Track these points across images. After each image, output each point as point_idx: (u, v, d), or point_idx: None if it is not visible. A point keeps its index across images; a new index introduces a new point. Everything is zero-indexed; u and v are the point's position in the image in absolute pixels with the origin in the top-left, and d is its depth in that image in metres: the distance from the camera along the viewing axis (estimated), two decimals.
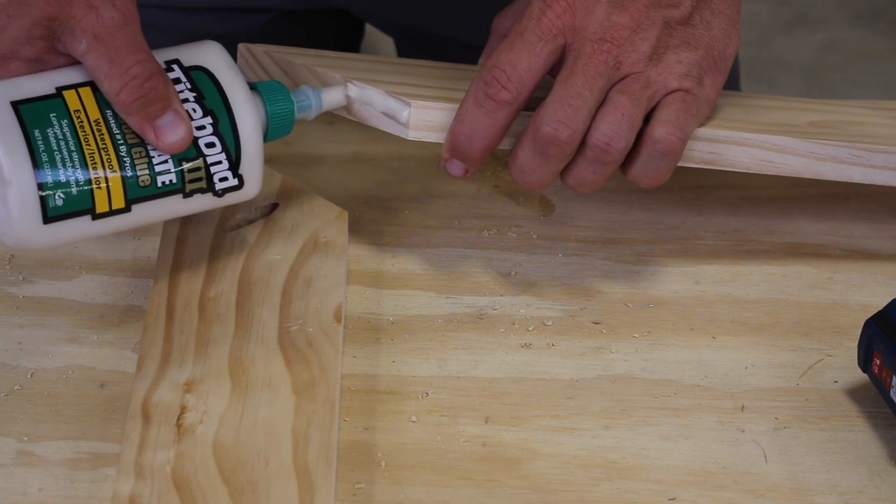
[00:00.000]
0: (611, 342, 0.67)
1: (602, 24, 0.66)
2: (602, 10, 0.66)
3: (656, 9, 0.67)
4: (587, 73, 0.65)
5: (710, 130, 0.68)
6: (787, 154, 0.68)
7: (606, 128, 0.65)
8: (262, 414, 0.59)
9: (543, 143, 0.65)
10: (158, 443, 0.58)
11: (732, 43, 0.69)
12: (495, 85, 0.65)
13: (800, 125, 0.71)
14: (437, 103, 0.67)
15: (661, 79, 0.67)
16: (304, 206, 0.72)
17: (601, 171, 0.66)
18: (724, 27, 0.69)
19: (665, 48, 0.67)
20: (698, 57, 0.68)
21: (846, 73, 2.32)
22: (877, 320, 0.61)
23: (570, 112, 0.65)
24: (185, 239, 0.69)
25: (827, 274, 0.71)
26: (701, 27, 0.68)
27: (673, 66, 0.67)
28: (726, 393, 0.64)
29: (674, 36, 0.67)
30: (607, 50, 0.65)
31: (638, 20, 0.66)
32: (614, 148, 0.65)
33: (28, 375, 0.64)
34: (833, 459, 0.61)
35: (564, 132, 0.65)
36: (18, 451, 0.60)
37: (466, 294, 0.70)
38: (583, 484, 0.59)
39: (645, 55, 0.66)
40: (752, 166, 0.69)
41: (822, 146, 0.69)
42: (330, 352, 0.62)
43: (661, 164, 0.66)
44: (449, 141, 0.67)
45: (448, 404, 0.63)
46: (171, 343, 0.63)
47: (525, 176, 0.66)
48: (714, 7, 0.69)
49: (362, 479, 0.59)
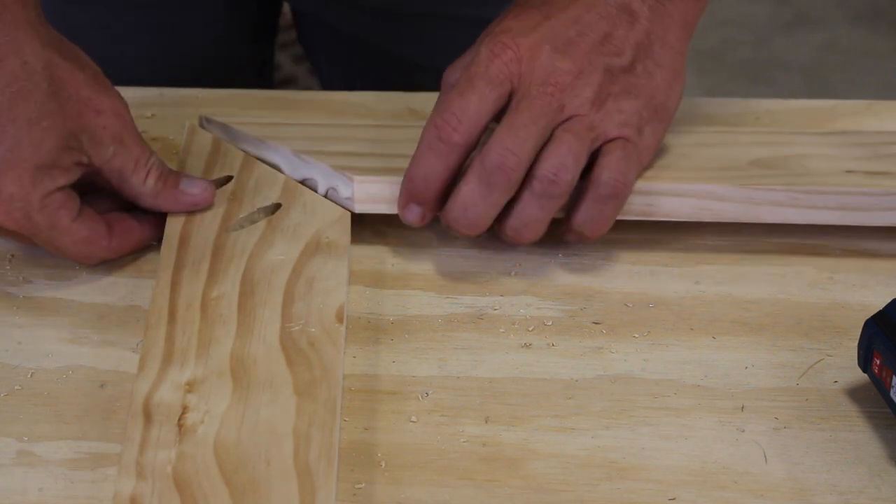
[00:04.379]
0: (611, 342, 0.67)
1: (546, 69, 0.68)
2: (546, 56, 0.69)
3: (598, 55, 0.69)
4: (532, 111, 0.68)
5: (647, 184, 0.70)
6: (725, 202, 0.71)
7: (554, 160, 0.67)
8: (264, 414, 0.59)
9: (490, 170, 0.67)
10: (160, 443, 0.58)
11: (675, 93, 0.72)
12: (446, 129, 0.68)
13: (741, 166, 0.73)
14: (380, 176, 0.71)
15: (603, 125, 0.69)
16: (307, 206, 0.72)
17: (547, 207, 0.68)
18: (667, 77, 0.71)
19: (607, 95, 0.69)
20: (639, 106, 0.70)
21: (846, 73, 2.32)
22: (877, 320, 0.61)
23: (517, 141, 0.67)
24: (187, 238, 0.69)
25: (827, 274, 0.71)
26: (643, 77, 0.71)
27: (613, 115, 0.69)
28: (726, 393, 0.64)
29: (615, 83, 0.70)
30: (551, 93, 0.68)
31: (580, 65, 0.69)
32: (562, 179, 0.67)
33: (28, 375, 0.64)
34: (833, 459, 0.61)
35: (511, 159, 0.67)
36: (18, 451, 0.60)
37: (466, 294, 0.70)
38: (583, 484, 0.59)
39: (587, 100, 0.69)
40: (691, 215, 0.71)
41: (759, 192, 0.70)
42: (331, 352, 0.62)
43: (605, 208, 0.68)
44: (405, 186, 0.69)
45: (448, 404, 0.63)
46: (172, 343, 0.63)
47: (468, 211, 0.68)
48: (656, 58, 0.71)
49: (362, 480, 0.59)
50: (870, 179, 0.71)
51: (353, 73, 1.06)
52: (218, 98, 0.83)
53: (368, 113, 0.82)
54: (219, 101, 0.83)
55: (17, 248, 0.72)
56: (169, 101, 0.83)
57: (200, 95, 0.83)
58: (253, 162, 0.74)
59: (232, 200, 0.72)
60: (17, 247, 0.72)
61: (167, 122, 0.81)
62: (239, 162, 0.74)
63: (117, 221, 0.70)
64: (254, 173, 0.74)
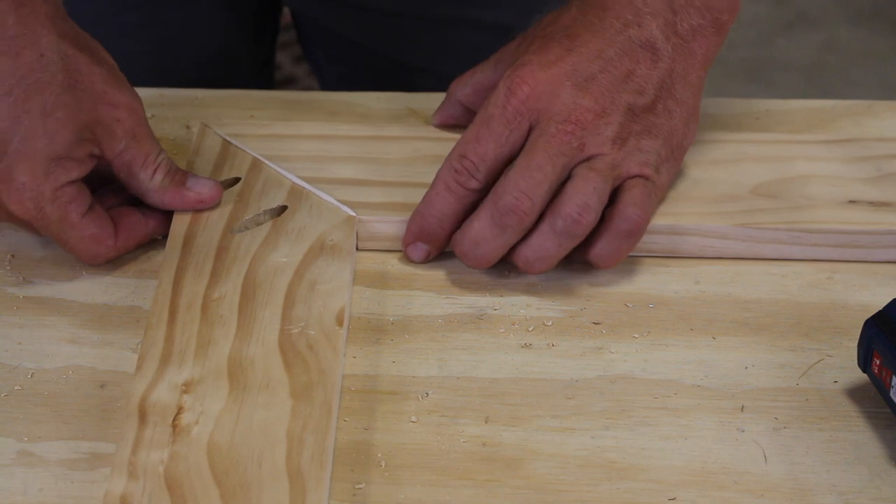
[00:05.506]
0: (611, 342, 0.67)
1: (567, 106, 0.67)
2: (567, 92, 0.68)
3: (621, 94, 0.68)
4: (549, 150, 0.67)
5: (651, 223, 0.70)
6: (728, 240, 0.71)
7: (579, 199, 0.66)
8: (259, 416, 0.59)
9: (503, 212, 0.66)
10: (153, 443, 0.58)
11: (691, 132, 0.72)
12: (465, 174, 0.68)
13: (743, 194, 0.73)
14: (383, 216, 0.71)
15: (625, 164, 0.68)
16: (313, 208, 0.72)
17: (564, 245, 0.67)
18: (685, 117, 0.71)
19: (628, 134, 0.69)
20: (658, 145, 0.70)
21: (846, 73, 2.32)
22: (877, 320, 0.61)
23: (531, 183, 0.66)
24: (191, 240, 0.69)
25: (827, 274, 0.71)
26: (663, 116, 0.70)
27: (634, 154, 0.69)
28: (726, 393, 0.64)
29: (637, 122, 0.69)
30: (571, 131, 0.67)
31: (602, 104, 0.68)
32: (585, 219, 0.66)
33: (28, 376, 0.64)
34: (833, 459, 0.61)
35: (525, 203, 0.66)
36: (18, 451, 0.60)
37: (467, 295, 0.70)
38: (583, 484, 0.59)
39: (609, 139, 0.68)
40: (694, 252, 0.72)
41: (761, 231, 0.71)
42: (330, 355, 0.62)
43: (624, 243, 0.68)
44: (416, 225, 0.69)
45: (448, 404, 0.63)
46: (171, 343, 0.63)
47: (478, 248, 0.68)
48: (677, 96, 0.70)
49: (362, 480, 0.59)
50: (872, 214, 0.72)
51: (352, 73, 1.06)
52: (218, 98, 0.83)
53: (368, 112, 0.82)
54: (219, 102, 0.83)
55: (17, 247, 0.72)
56: (169, 102, 0.83)
57: (200, 96, 0.83)
58: (261, 164, 0.74)
59: (238, 202, 0.72)
60: (17, 247, 0.72)
61: (167, 122, 0.81)
62: (247, 164, 0.74)
63: (123, 217, 0.70)
64: (261, 175, 0.74)
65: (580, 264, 0.71)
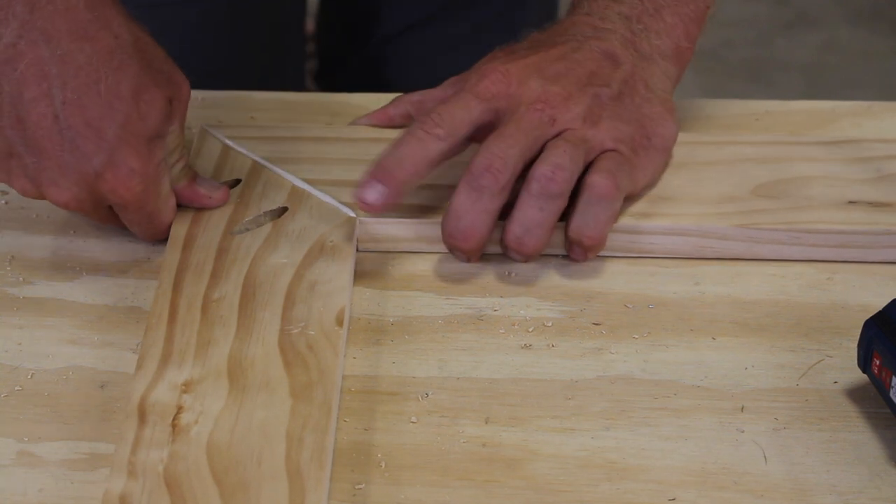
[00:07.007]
0: (611, 343, 0.67)
1: (536, 92, 0.69)
2: (535, 82, 0.70)
3: (586, 86, 0.70)
4: (520, 124, 0.68)
5: (649, 223, 0.71)
6: (728, 241, 0.71)
7: (551, 160, 0.68)
8: (258, 415, 0.59)
9: (476, 175, 0.67)
10: (153, 442, 0.58)
11: (668, 125, 0.72)
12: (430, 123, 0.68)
13: (743, 195, 0.73)
14: (383, 217, 0.71)
15: (598, 139, 0.70)
16: (314, 210, 0.72)
17: (546, 209, 0.68)
18: (658, 111, 0.72)
19: (599, 116, 0.70)
20: (631, 130, 0.71)
21: (846, 73, 2.32)
22: (877, 321, 0.61)
23: (503, 146, 0.68)
24: (192, 240, 0.69)
25: (826, 275, 0.71)
26: (630, 106, 0.71)
27: (608, 130, 0.70)
28: (726, 393, 0.64)
29: (605, 108, 0.71)
30: (541, 108, 0.69)
31: (570, 91, 0.70)
32: (559, 177, 0.67)
33: (28, 376, 0.64)
34: (833, 460, 0.61)
35: (497, 161, 0.67)
36: (18, 451, 0.60)
37: (467, 295, 0.70)
38: (583, 484, 0.59)
39: (579, 115, 0.70)
40: (693, 252, 0.72)
41: (761, 232, 0.71)
42: (329, 355, 0.62)
43: (597, 210, 0.68)
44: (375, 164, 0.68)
45: (448, 405, 0.63)
46: (171, 344, 0.63)
47: (460, 221, 0.68)
48: (642, 94, 0.72)
49: (362, 480, 0.59)
50: (872, 215, 0.72)
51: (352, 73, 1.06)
52: (219, 100, 0.83)
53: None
54: (220, 103, 0.83)
55: (17, 249, 0.72)
56: None
57: (201, 97, 0.83)
58: (261, 166, 0.74)
59: (239, 203, 0.72)
60: (17, 248, 0.72)
61: None
62: (248, 166, 0.74)
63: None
64: (262, 177, 0.74)
65: (580, 265, 0.71)
